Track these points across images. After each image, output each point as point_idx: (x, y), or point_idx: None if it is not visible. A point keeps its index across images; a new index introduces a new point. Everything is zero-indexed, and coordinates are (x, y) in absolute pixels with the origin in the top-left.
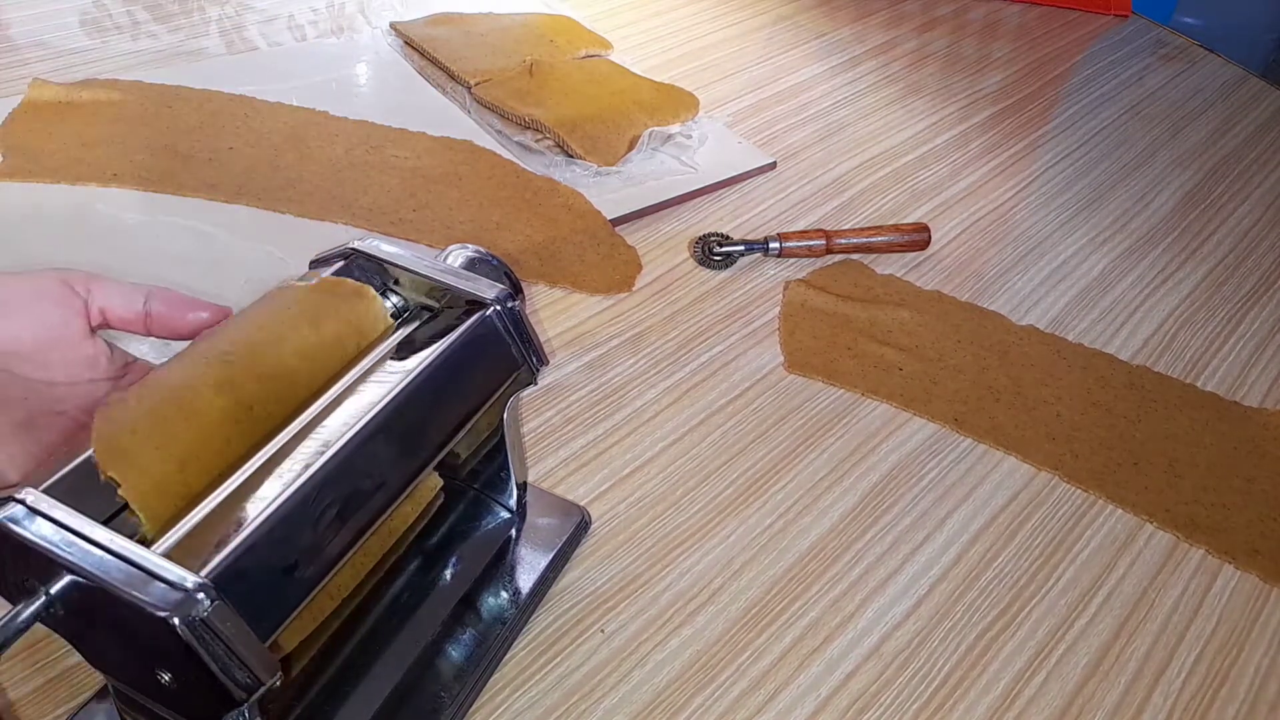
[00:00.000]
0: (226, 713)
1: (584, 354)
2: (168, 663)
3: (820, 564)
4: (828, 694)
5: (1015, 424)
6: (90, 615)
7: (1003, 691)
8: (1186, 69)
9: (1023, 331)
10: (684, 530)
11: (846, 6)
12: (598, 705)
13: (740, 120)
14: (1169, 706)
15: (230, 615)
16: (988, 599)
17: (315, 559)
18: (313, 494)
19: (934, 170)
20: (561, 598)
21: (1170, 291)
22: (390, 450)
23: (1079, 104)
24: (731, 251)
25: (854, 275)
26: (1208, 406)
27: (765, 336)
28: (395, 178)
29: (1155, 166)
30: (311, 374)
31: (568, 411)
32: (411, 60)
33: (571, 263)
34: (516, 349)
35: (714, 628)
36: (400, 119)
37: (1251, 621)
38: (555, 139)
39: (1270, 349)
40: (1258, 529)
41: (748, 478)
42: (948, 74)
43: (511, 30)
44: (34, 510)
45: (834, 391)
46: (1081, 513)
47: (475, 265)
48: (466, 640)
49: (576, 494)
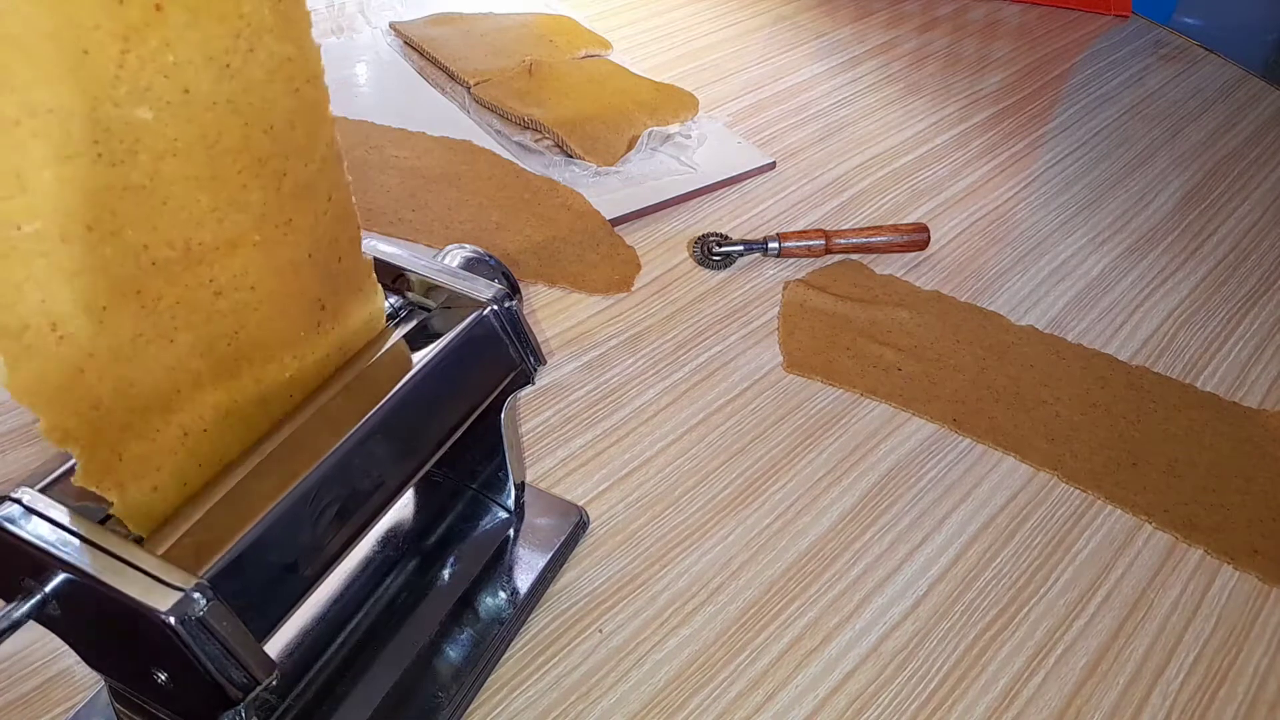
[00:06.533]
0: (223, 712)
1: (583, 354)
2: (164, 662)
3: (819, 564)
4: (826, 694)
5: (1014, 424)
6: (86, 614)
7: (1001, 691)
8: (1186, 69)
9: (1022, 332)
10: (682, 530)
11: (846, 6)
12: (595, 705)
13: (740, 120)
14: (1168, 707)
15: (226, 615)
16: (986, 599)
17: (312, 559)
18: (310, 494)
19: (934, 170)
20: (559, 598)
21: (1170, 291)
22: (387, 450)
23: (1079, 104)
24: (731, 251)
25: (853, 275)
26: (1207, 407)
27: (764, 336)
28: (394, 177)
29: (1155, 166)
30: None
31: (566, 411)
32: (411, 60)
33: (570, 263)
34: (514, 349)
35: (712, 628)
36: (399, 119)
37: (1250, 622)
38: (555, 139)
39: (1270, 349)
40: (1257, 529)
41: (746, 478)
42: (948, 74)
43: (511, 30)
44: (30, 509)
45: (833, 391)
46: (1080, 513)
47: (473, 265)
48: (464, 640)
49: (575, 494)
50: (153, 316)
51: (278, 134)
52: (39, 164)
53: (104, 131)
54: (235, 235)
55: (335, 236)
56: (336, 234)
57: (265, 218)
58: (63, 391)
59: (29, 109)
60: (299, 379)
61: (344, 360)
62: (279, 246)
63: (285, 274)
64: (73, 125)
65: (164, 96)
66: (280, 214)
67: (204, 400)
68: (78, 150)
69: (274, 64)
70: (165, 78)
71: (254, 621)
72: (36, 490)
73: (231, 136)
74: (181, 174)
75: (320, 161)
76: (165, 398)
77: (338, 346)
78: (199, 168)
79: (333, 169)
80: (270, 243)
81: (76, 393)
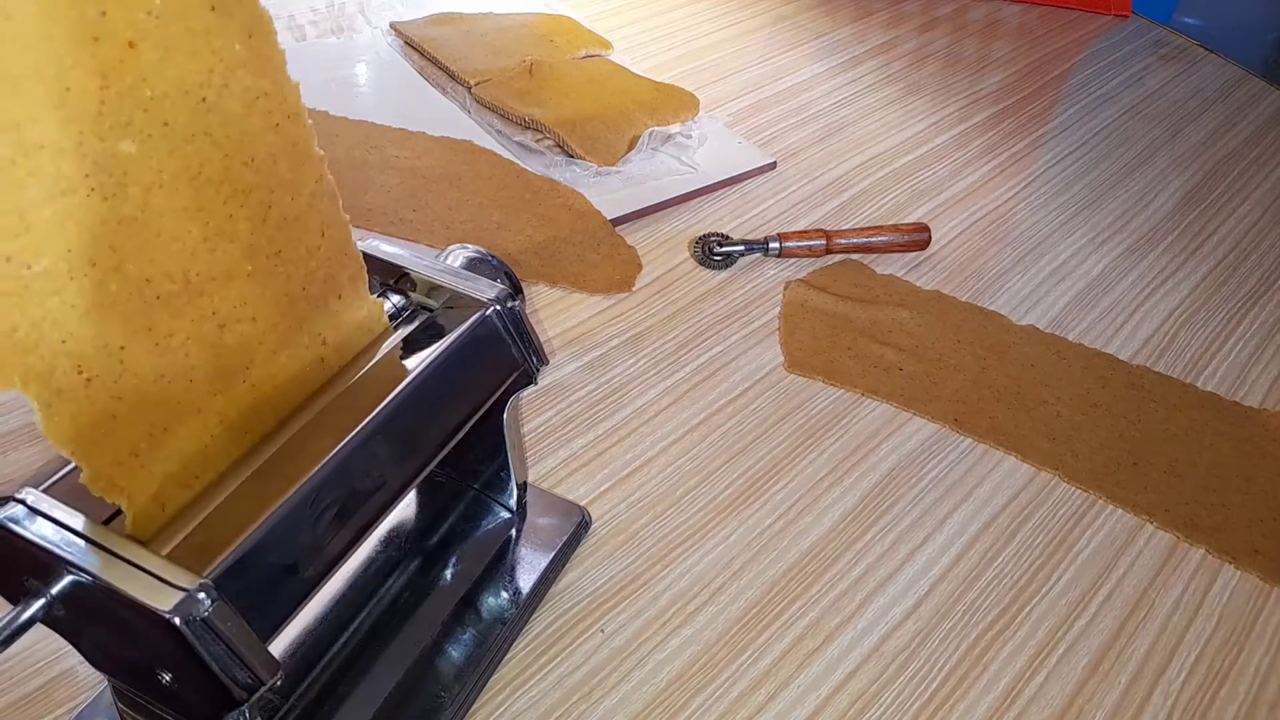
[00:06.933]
0: (227, 712)
1: (584, 354)
2: (168, 662)
3: (820, 564)
4: (828, 694)
5: (1015, 424)
6: (91, 615)
7: (1003, 691)
8: (1186, 69)
9: (1022, 331)
10: (684, 530)
11: (846, 6)
12: (598, 705)
13: (740, 120)
14: (1169, 706)
15: (231, 615)
16: (988, 599)
17: (316, 559)
18: (313, 494)
19: (934, 170)
20: (561, 598)
21: (1170, 291)
22: (390, 450)
23: (1079, 104)
24: (731, 251)
25: (854, 275)
26: (1208, 406)
27: (765, 336)
28: (395, 177)
29: (1155, 166)
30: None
31: (568, 411)
32: (411, 60)
33: (571, 263)
34: (516, 349)
35: (714, 628)
36: (400, 119)
37: (1251, 621)
38: (555, 139)
39: (1270, 349)
40: (1258, 529)
41: (748, 478)
42: (948, 74)
43: (511, 30)
44: (34, 510)
45: (834, 391)
46: (1081, 513)
47: (475, 265)
48: (466, 640)
49: (576, 494)
50: (168, 355)
51: (260, 166)
52: (38, 201)
53: (93, 165)
54: (229, 265)
55: (332, 274)
56: (333, 272)
57: (255, 248)
58: (100, 438)
59: (23, 147)
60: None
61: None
62: (272, 277)
63: (283, 305)
64: (64, 161)
65: (145, 129)
66: (269, 244)
67: (212, 411)
68: (71, 185)
69: (250, 98)
70: (145, 111)
71: (258, 622)
72: (40, 491)
73: (213, 167)
74: (170, 205)
75: (309, 197)
76: (182, 421)
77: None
78: (185, 199)
79: (324, 205)
80: (263, 273)
81: (114, 439)
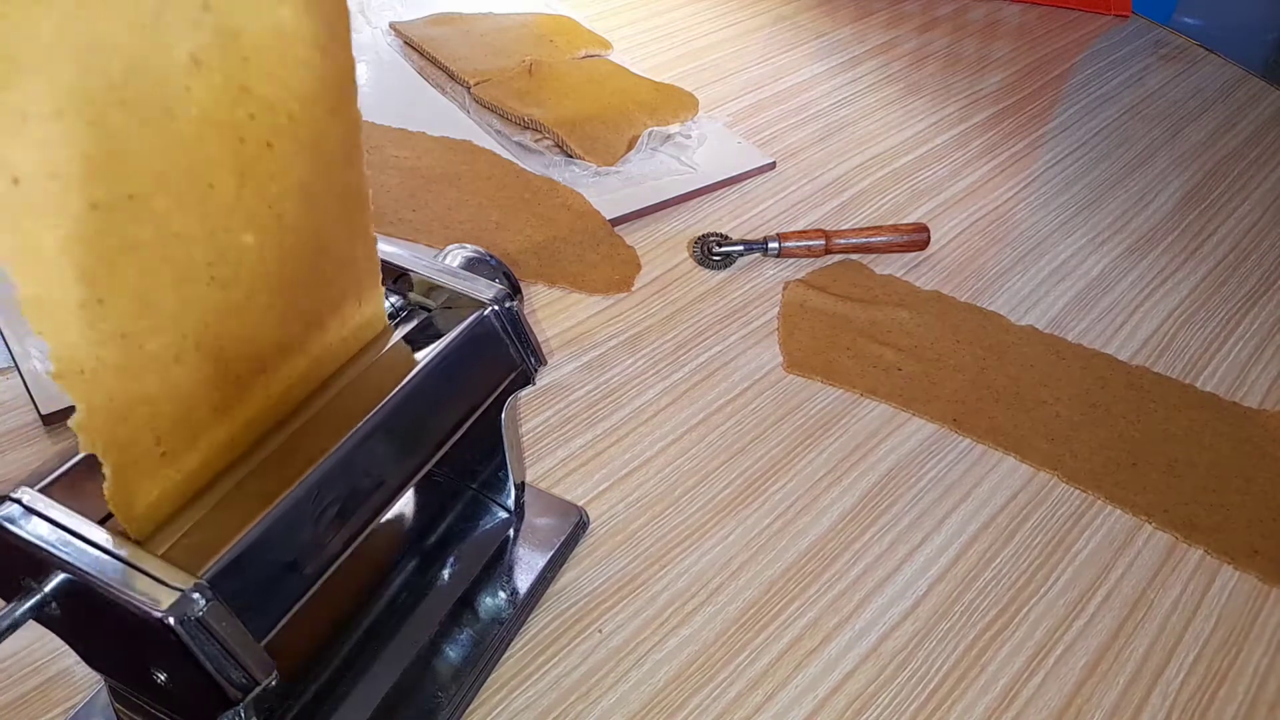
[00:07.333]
0: (222, 712)
1: (583, 354)
2: (163, 662)
3: (819, 564)
4: (825, 694)
5: (1014, 424)
6: (86, 614)
7: (1001, 692)
8: (1186, 69)
9: (1022, 332)
10: (682, 530)
11: (846, 6)
12: (595, 705)
13: (740, 120)
14: (1167, 707)
15: (226, 615)
16: (986, 599)
17: (312, 559)
18: (310, 494)
19: (934, 170)
20: (559, 598)
21: (1170, 291)
22: (388, 450)
23: (1079, 104)
24: (730, 251)
25: (853, 275)
26: (1207, 407)
27: (764, 337)
28: (394, 177)
29: (1155, 166)
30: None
31: (566, 412)
32: (411, 60)
33: (570, 263)
34: (514, 349)
35: (712, 628)
36: (399, 119)
37: (1250, 622)
38: (554, 139)
39: (1270, 349)
40: (1257, 529)
41: (746, 478)
42: (948, 74)
43: (511, 30)
44: (30, 509)
45: (833, 391)
46: (1080, 513)
47: (473, 265)
48: (464, 640)
49: (575, 494)
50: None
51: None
52: (164, 286)
53: (218, 255)
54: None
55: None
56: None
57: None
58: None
59: (162, 235)
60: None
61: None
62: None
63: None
64: (195, 249)
65: (265, 223)
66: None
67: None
68: (196, 274)
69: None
70: (269, 207)
71: (254, 622)
72: (36, 490)
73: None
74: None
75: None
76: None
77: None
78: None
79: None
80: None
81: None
